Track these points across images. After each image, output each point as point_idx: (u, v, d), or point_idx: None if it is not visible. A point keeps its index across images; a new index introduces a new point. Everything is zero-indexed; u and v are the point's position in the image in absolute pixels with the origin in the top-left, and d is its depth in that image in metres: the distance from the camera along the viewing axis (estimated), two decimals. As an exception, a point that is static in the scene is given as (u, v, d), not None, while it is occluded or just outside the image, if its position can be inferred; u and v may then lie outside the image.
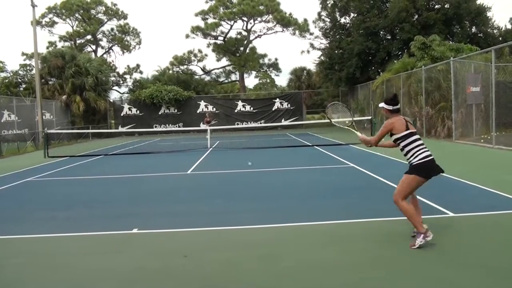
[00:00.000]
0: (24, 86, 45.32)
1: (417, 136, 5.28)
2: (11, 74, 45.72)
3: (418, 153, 5.20)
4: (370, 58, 33.35)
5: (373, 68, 34.09)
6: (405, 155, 5.31)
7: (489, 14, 32.44)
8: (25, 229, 6.75)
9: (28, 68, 46.56)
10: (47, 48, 46.15)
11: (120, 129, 36.14)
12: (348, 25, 36.68)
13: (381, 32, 33.02)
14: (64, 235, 6.38)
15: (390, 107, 5.39)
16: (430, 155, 5.21)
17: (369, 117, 24.12)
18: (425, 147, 5.26)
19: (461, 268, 4.52)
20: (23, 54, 47.77)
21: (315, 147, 18.63)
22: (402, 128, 5.24)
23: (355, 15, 34.69)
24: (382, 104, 5.48)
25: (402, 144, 5.28)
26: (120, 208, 8.25)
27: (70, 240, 6.15)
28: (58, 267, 5.06)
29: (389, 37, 33.11)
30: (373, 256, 4.94)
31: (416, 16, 30.65)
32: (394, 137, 5.33)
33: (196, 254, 5.27)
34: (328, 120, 7.21)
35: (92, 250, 5.63)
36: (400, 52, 32.20)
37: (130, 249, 5.58)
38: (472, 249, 5.09)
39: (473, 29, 32.29)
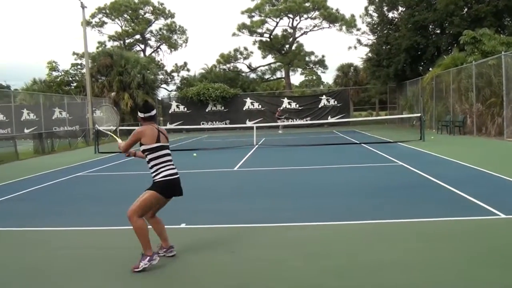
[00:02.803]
0: (74, 84, 46.81)
1: (167, 151, 4.99)
2: (63, 73, 47.35)
3: (163, 169, 4.90)
4: (419, 53, 32.39)
5: (422, 64, 33.15)
6: (150, 169, 4.97)
7: (543, 4, 30.90)
8: (76, 222, 6.97)
9: (78, 67, 48.09)
10: (97, 48, 47.48)
11: (168, 126, 36.70)
12: (396, 19, 35.81)
13: (430, 26, 32.04)
14: (114, 228, 6.58)
15: (142, 115, 5.01)
16: (175, 174, 4.97)
17: (418, 115, 23.55)
18: (172, 164, 4.99)
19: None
20: (74, 53, 49.35)
21: (363, 144, 18.31)
22: (153, 139, 4.88)
23: (404, 9, 33.83)
24: (139, 113, 5.08)
25: (149, 156, 4.91)
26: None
27: (119, 233, 6.29)
28: (106, 260, 5.19)
29: (438, 32, 32.09)
30: (425, 256, 4.78)
31: (466, 9, 29.58)
32: (143, 147, 4.94)
33: (242, 250, 5.28)
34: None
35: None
36: (449, 47, 31.18)
37: (175, 244, 5.63)
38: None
39: (526, 21, 30.83)
